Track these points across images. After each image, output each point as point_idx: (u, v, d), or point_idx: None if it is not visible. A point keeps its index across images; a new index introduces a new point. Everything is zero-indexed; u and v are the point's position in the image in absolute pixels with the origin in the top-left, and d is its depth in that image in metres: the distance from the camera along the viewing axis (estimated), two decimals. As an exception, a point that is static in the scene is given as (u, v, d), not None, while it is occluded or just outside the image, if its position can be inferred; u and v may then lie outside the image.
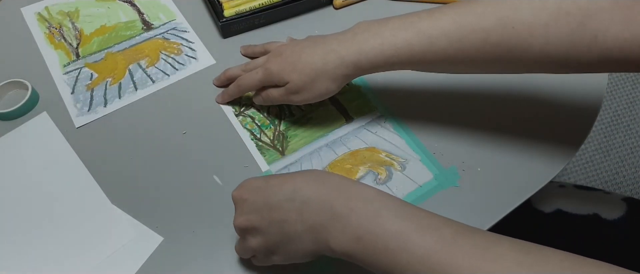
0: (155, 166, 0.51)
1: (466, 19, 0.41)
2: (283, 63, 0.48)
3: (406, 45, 0.42)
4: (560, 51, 0.38)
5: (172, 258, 0.46)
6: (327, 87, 0.47)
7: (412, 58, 0.43)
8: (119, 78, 0.58)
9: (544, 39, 0.38)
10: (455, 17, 0.41)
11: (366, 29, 0.45)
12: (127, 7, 0.65)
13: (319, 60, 0.45)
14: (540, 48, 0.39)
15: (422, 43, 0.42)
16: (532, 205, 0.60)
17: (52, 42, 0.61)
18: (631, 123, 1.44)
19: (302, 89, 0.47)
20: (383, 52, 0.43)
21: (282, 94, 0.49)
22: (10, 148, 0.52)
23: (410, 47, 0.42)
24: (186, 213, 0.48)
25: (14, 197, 0.49)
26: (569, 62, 0.39)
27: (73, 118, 0.55)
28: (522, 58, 0.40)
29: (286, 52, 0.48)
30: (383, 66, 0.44)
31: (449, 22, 0.41)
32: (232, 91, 0.54)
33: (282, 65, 0.48)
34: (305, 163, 0.51)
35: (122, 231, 0.47)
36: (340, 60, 0.45)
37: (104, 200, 0.49)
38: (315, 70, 0.46)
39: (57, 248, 0.46)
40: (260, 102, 0.52)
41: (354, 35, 0.45)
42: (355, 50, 0.44)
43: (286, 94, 0.48)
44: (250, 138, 0.53)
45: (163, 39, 0.62)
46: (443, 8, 0.42)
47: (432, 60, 0.43)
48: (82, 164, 0.51)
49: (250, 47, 0.59)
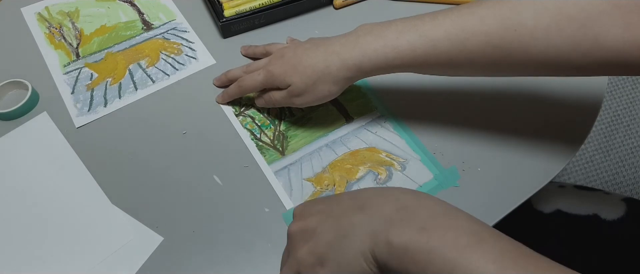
0: (155, 166, 0.51)
1: (469, 22, 0.41)
2: (285, 65, 0.48)
3: (409, 48, 0.42)
4: (562, 54, 0.38)
5: (172, 258, 0.46)
6: (329, 90, 0.47)
7: (414, 61, 0.43)
8: (119, 78, 0.58)
9: (545, 42, 0.38)
10: (457, 20, 0.41)
11: (369, 32, 0.45)
12: (127, 7, 0.65)
13: (321, 63, 0.45)
14: (542, 51, 0.39)
15: (424, 46, 0.42)
16: (532, 205, 0.60)
17: (52, 42, 0.61)
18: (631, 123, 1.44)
19: (304, 92, 0.47)
20: (386, 55, 0.43)
21: (284, 97, 0.49)
22: (10, 148, 0.52)
23: (413, 50, 0.42)
24: (186, 213, 0.48)
25: (14, 197, 0.49)
26: (570, 66, 0.39)
27: (73, 118, 0.55)
28: (524, 61, 0.40)
29: (288, 54, 0.48)
30: (385, 68, 0.44)
31: (451, 25, 0.41)
32: (232, 91, 0.54)
33: (284, 68, 0.48)
34: (305, 163, 0.51)
35: (122, 231, 0.47)
36: (342, 62, 0.45)
37: (104, 200, 0.49)
38: (317, 72, 0.46)
39: (57, 248, 0.46)
40: (263, 105, 0.53)
41: (357, 37, 0.45)
42: (357, 53, 0.44)
43: (288, 97, 0.48)
44: (250, 138, 0.53)
45: (163, 39, 0.62)
46: (445, 11, 0.43)
47: (435, 63, 0.43)
48: (82, 164, 0.51)
49: (251, 48, 0.59)
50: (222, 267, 0.45)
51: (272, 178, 0.50)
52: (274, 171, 0.51)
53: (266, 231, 0.47)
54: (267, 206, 0.49)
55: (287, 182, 0.50)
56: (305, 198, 0.49)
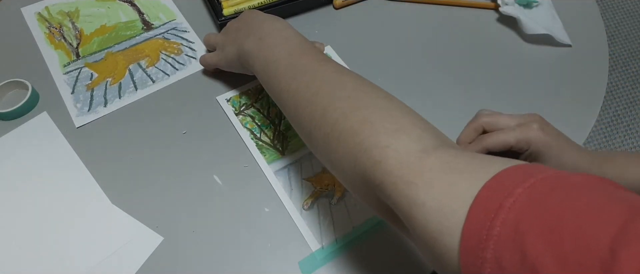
0: (155, 166, 0.51)
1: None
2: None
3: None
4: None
5: (172, 258, 0.46)
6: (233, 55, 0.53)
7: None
8: (119, 78, 0.58)
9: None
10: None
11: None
12: (127, 7, 0.65)
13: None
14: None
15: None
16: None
17: (52, 42, 0.61)
18: (631, 123, 1.44)
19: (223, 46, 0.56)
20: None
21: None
22: (10, 148, 0.52)
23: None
24: (186, 213, 0.48)
25: (14, 197, 0.49)
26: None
27: (73, 118, 0.55)
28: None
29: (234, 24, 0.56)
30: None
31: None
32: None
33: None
34: (305, 162, 0.51)
35: (122, 231, 0.47)
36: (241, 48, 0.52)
37: (104, 200, 0.49)
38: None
39: (57, 247, 0.46)
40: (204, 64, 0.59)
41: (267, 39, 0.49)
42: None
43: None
44: (250, 137, 0.53)
45: (163, 39, 0.62)
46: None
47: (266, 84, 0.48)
48: (82, 164, 0.51)
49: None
50: (222, 267, 0.45)
51: (272, 177, 0.50)
52: (274, 171, 0.51)
53: (266, 231, 0.47)
54: (267, 206, 0.49)
55: (287, 182, 0.50)
56: (305, 197, 0.49)
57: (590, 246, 0.20)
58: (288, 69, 0.43)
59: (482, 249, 0.23)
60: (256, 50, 0.47)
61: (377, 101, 0.36)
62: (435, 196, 0.28)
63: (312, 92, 0.39)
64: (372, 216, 0.48)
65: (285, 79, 0.42)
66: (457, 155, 0.30)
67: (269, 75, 0.45)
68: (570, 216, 0.22)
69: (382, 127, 0.33)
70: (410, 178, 0.29)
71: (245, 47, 0.48)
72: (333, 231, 0.47)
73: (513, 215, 0.23)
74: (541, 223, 0.22)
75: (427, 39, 0.64)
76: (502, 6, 0.65)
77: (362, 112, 0.35)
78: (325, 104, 0.38)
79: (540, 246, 0.21)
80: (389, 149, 0.31)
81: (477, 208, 0.25)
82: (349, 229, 0.47)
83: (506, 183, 0.25)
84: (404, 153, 0.31)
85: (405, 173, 0.30)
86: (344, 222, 0.48)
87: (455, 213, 0.26)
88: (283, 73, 0.43)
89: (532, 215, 0.23)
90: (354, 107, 0.36)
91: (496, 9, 0.67)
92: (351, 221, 0.48)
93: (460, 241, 0.25)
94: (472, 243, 0.24)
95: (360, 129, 0.34)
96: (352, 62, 0.60)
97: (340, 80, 0.39)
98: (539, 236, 0.22)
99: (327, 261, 0.46)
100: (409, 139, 0.32)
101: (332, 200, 0.49)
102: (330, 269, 0.45)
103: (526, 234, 0.22)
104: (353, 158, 0.34)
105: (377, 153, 0.32)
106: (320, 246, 0.46)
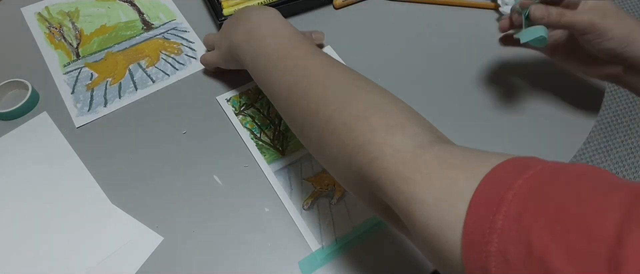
0: (155, 166, 0.51)
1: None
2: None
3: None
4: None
5: (172, 258, 0.46)
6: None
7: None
8: (119, 78, 0.58)
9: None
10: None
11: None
12: (127, 7, 0.65)
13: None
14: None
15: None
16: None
17: (52, 42, 0.61)
18: (631, 123, 1.44)
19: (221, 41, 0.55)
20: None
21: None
22: (10, 148, 0.52)
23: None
24: (186, 213, 0.48)
25: (14, 197, 0.49)
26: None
27: (73, 118, 0.55)
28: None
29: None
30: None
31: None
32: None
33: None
34: (305, 162, 0.51)
35: (122, 231, 0.47)
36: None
37: (104, 199, 0.49)
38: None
39: (57, 247, 0.46)
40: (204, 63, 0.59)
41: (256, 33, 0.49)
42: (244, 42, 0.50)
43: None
44: (250, 137, 0.53)
45: (163, 39, 0.62)
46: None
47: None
48: (82, 164, 0.51)
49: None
50: (222, 267, 0.45)
51: (272, 177, 0.50)
52: (274, 170, 0.51)
53: (266, 231, 0.47)
54: (267, 206, 0.49)
55: (287, 182, 0.50)
56: (305, 197, 0.49)
57: (595, 234, 0.20)
58: (279, 62, 0.42)
59: (485, 243, 0.23)
60: (245, 43, 0.46)
61: (371, 95, 0.36)
62: (433, 192, 0.28)
63: (305, 86, 0.39)
64: (372, 216, 0.48)
65: (275, 73, 0.42)
66: (453, 151, 0.30)
67: (259, 69, 0.44)
68: (573, 206, 0.22)
69: (377, 122, 0.33)
70: (408, 174, 0.29)
71: (235, 40, 0.48)
72: (333, 231, 0.47)
73: (515, 207, 0.23)
74: (545, 214, 0.22)
75: (427, 39, 0.64)
76: (502, 6, 0.65)
77: (356, 107, 0.35)
78: (318, 99, 0.37)
79: (546, 238, 0.21)
80: (385, 145, 0.31)
81: (477, 202, 0.25)
82: (349, 229, 0.47)
83: (505, 176, 0.25)
84: (400, 150, 0.31)
85: (402, 170, 0.30)
86: (344, 222, 0.48)
87: (456, 208, 0.26)
88: (274, 67, 0.42)
89: (535, 206, 0.23)
90: (348, 102, 0.36)
91: (496, 9, 0.67)
92: (351, 221, 0.48)
93: (462, 236, 0.25)
94: (475, 237, 0.24)
95: (355, 125, 0.34)
96: (352, 62, 0.60)
97: (333, 74, 0.39)
98: (544, 228, 0.22)
99: (327, 261, 0.46)
100: (405, 135, 0.32)
101: (332, 200, 0.49)
102: (330, 269, 0.45)
103: (531, 226, 0.22)
104: (348, 154, 0.34)
105: (373, 150, 0.32)
106: (320, 246, 0.46)
